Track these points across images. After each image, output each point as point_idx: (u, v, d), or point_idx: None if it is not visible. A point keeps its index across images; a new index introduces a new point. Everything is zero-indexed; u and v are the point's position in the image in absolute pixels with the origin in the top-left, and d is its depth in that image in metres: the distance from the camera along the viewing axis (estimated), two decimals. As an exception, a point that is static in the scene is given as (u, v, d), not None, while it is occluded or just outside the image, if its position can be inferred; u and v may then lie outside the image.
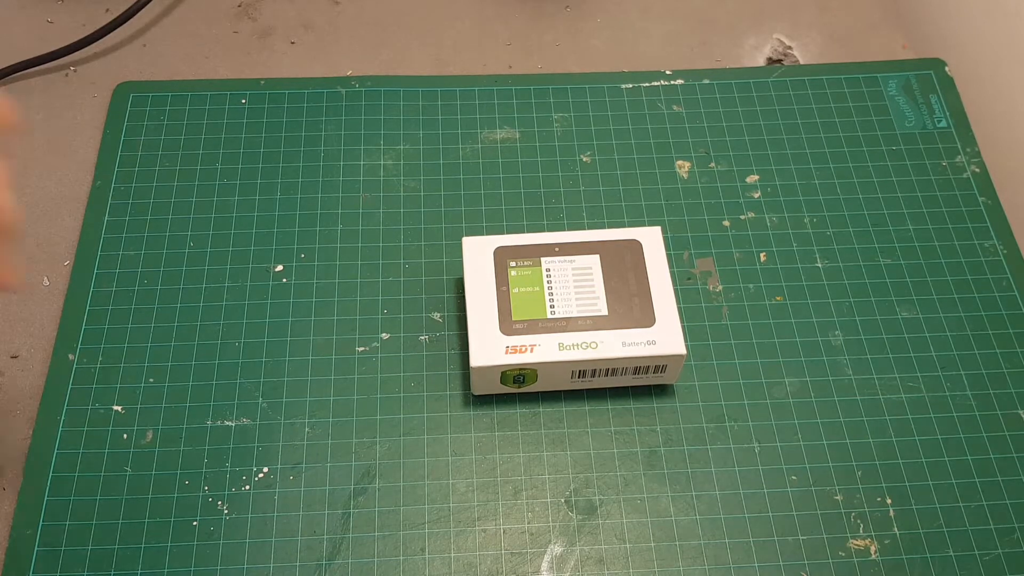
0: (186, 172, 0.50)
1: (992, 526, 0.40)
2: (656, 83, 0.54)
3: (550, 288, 0.41)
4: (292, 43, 0.56)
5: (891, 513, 0.40)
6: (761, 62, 0.56)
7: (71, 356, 0.44)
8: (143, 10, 0.55)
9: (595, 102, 0.53)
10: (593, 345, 0.40)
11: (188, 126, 0.52)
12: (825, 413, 0.43)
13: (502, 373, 0.40)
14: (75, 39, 0.54)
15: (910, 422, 0.43)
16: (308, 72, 0.55)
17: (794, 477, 0.41)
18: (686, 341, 0.41)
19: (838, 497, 0.41)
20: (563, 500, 0.40)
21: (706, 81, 0.54)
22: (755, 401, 0.43)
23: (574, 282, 0.42)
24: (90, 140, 0.51)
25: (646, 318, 0.41)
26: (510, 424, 0.42)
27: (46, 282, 0.47)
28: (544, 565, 0.39)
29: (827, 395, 0.43)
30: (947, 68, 0.55)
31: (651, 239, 0.43)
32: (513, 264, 0.42)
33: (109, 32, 0.54)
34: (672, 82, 0.54)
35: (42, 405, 0.42)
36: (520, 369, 0.40)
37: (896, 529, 0.40)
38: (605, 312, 0.41)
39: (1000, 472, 0.41)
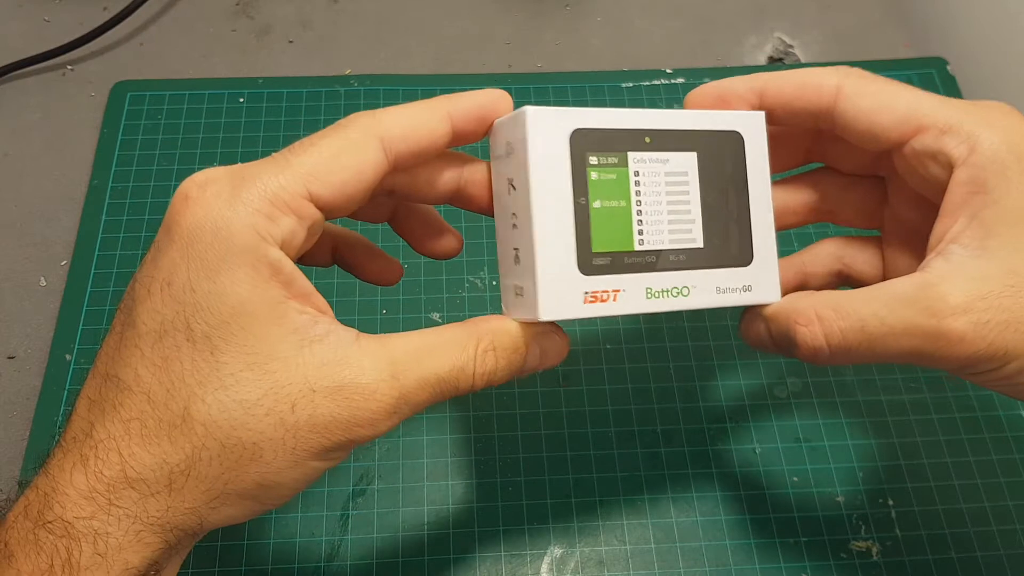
0: (184, 171, 0.50)
1: (994, 527, 0.40)
2: (657, 82, 0.54)
3: (639, 204, 0.29)
4: (290, 42, 0.56)
5: (893, 515, 0.40)
6: (762, 61, 0.56)
7: (68, 356, 0.43)
8: (140, 8, 0.55)
9: (595, 101, 0.53)
10: (684, 292, 0.29)
11: (186, 125, 0.51)
12: (826, 414, 0.43)
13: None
14: (72, 38, 0.54)
15: (912, 423, 0.42)
16: (307, 71, 0.54)
17: (795, 478, 0.41)
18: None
19: (840, 499, 0.40)
20: (563, 501, 0.40)
21: (707, 80, 0.54)
22: (756, 402, 0.43)
23: (667, 195, 0.30)
24: (87, 139, 0.51)
25: (744, 253, 0.30)
26: (510, 425, 0.42)
27: (43, 282, 0.46)
28: (544, 567, 0.39)
29: (828, 396, 0.43)
30: (949, 67, 0.55)
31: (754, 130, 0.31)
32: (594, 160, 0.29)
33: (106, 31, 0.54)
34: (673, 81, 0.54)
35: (39, 405, 0.42)
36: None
37: (898, 531, 0.40)
38: (700, 243, 0.30)
39: (1002, 473, 0.41)
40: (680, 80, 0.54)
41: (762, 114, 0.31)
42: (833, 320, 0.28)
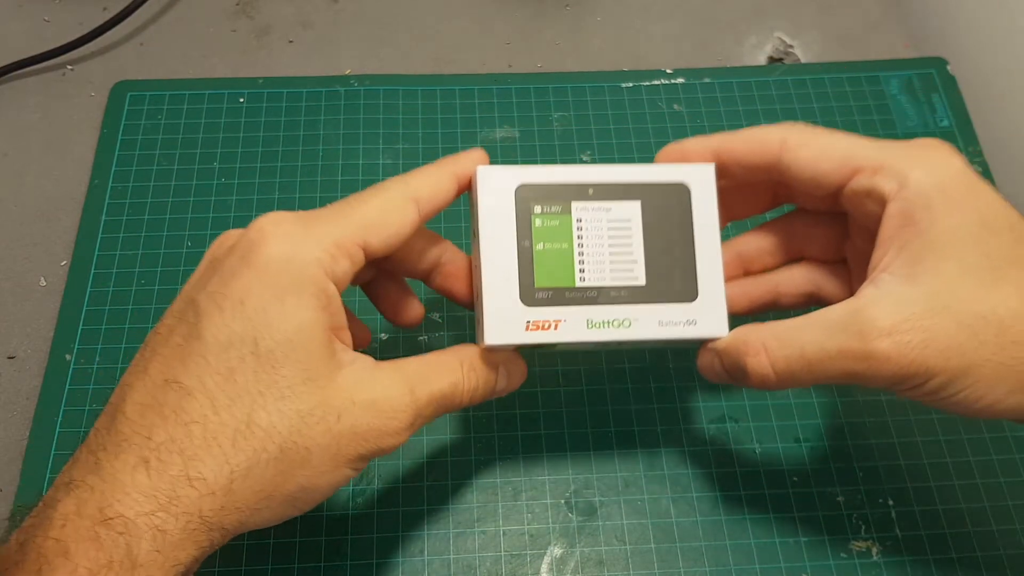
0: (184, 171, 0.50)
1: (994, 527, 0.40)
2: (657, 82, 0.54)
3: (581, 246, 0.33)
4: (290, 42, 0.56)
5: (893, 514, 0.40)
6: (762, 61, 0.56)
7: (68, 356, 0.43)
8: (140, 8, 0.55)
9: (595, 101, 0.53)
10: (626, 324, 0.33)
11: (186, 125, 0.51)
12: (827, 413, 0.43)
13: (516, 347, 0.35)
14: (72, 38, 0.54)
15: (912, 423, 0.42)
16: (306, 71, 0.54)
17: (795, 478, 0.41)
18: (729, 319, 0.34)
19: (840, 498, 0.40)
20: (563, 501, 0.40)
21: (707, 80, 0.54)
22: (756, 401, 0.43)
23: (609, 239, 0.33)
24: (87, 139, 0.51)
25: (688, 291, 0.33)
26: (510, 425, 0.42)
27: (43, 282, 0.46)
28: (544, 567, 0.39)
29: (828, 395, 0.43)
30: (949, 67, 0.55)
31: (702, 182, 0.34)
32: (538, 209, 0.33)
33: (106, 31, 0.54)
34: (673, 81, 0.54)
35: (39, 406, 0.42)
36: (537, 347, 0.34)
37: (898, 530, 0.40)
38: (643, 282, 0.33)
39: (1002, 473, 0.41)
40: (680, 80, 0.54)
41: (712, 166, 0.34)
42: (777, 349, 0.31)
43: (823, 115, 0.52)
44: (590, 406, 0.43)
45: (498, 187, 0.33)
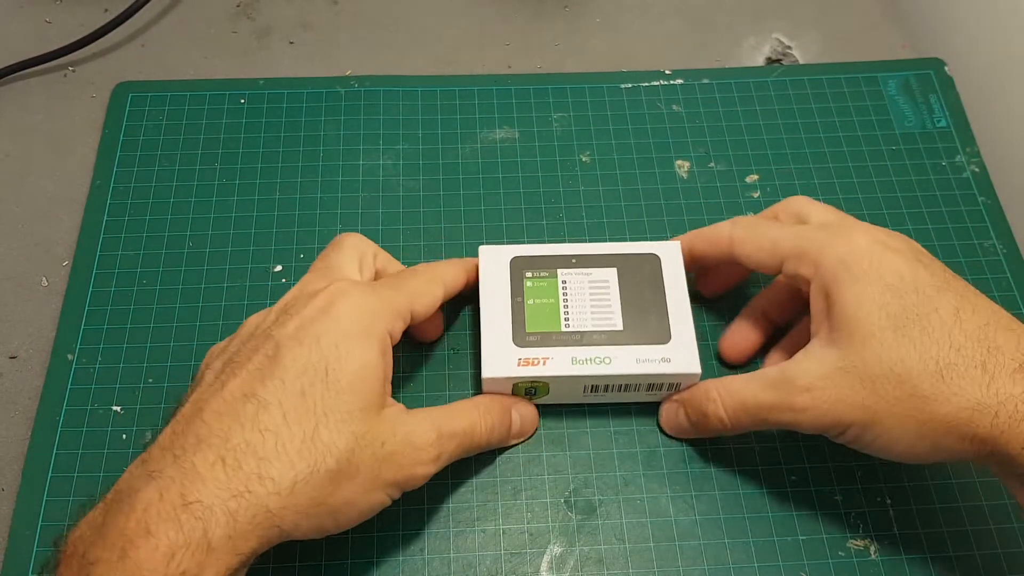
0: (185, 172, 0.50)
1: (992, 526, 0.40)
2: (655, 83, 0.54)
3: (565, 301, 0.40)
4: (291, 43, 0.56)
5: (891, 513, 0.40)
6: (760, 62, 0.56)
7: (70, 356, 0.44)
8: (142, 10, 0.55)
9: (594, 102, 0.53)
10: (606, 360, 0.39)
11: (187, 126, 0.51)
12: (825, 413, 0.43)
13: (514, 385, 0.40)
14: (74, 39, 0.54)
15: (910, 422, 0.43)
16: (307, 72, 0.55)
17: (794, 477, 0.41)
18: (702, 360, 0.39)
19: (838, 497, 0.41)
20: (562, 500, 0.40)
21: (705, 81, 0.54)
22: (755, 401, 0.43)
23: (590, 295, 0.41)
24: (89, 140, 0.51)
25: (662, 334, 0.40)
26: (509, 424, 0.42)
27: (45, 282, 0.47)
28: (543, 565, 0.39)
29: (827, 395, 0.43)
30: (947, 68, 0.55)
31: (670, 254, 0.42)
32: (529, 275, 0.41)
33: (108, 32, 0.54)
34: (671, 82, 0.54)
35: (41, 405, 0.42)
36: (532, 382, 0.40)
37: (896, 529, 0.40)
38: (620, 327, 0.40)
39: (1000, 472, 0.41)
40: (679, 81, 0.54)
41: (678, 243, 0.42)
42: (727, 399, 0.38)
43: (821, 116, 0.52)
44: (589, 406, 0.43)
45: (496, 259, 0.42)
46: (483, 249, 0.42)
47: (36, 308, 0.46)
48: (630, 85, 0.54)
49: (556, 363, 0.39)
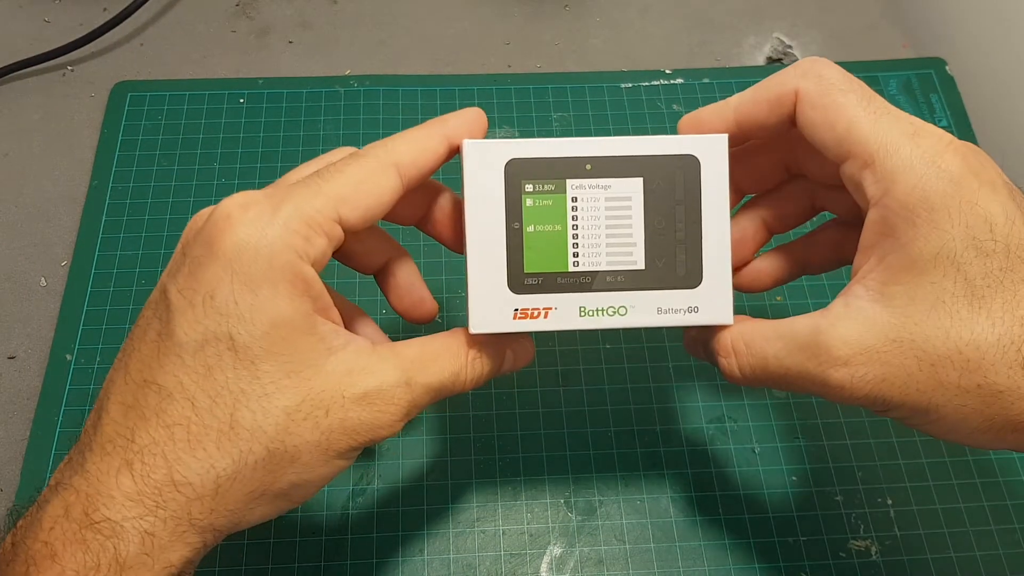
0: (184, 172, 0.50)
1: (993, 527, 0.40)
2: (656, 82, 0.54)
3: (575, 228, 0.31)
4: (290, 42, 0.56)
5: (892, 514, 0.40)
6: (761, 61, 0.56)
7: (69, 356, 0.43)
8: (140, 9, 0.55)
9: (594, 101, 0.53)
10: (621, 311, 0.31)
11: (186, 125, 0.51)
12: (825, 413, 0.43)
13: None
14: (72, 39, 0.54)
15: (911, 422, 0.43)
16: (306, 71, 0.55)
17: (794, 478, 0.41)
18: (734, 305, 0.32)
19: (838, 498, 0.41)
20: (562, 501, 0.40)
21: (706, 80, 0.54)
22: (755, 401, 0.43)
23: (606, 221, 0.31)
24: (87, 140, 0.51)
25: (692, 276, 0.31)
26: (509, 424, 0.42)
27: (43, 282, 0.46)
28: (543, 566, 0.39)
29: (827, 395, 0.43)
30: (948, 67, 0.55)
31: (713, 154, 0.31)
32: (530, 188, 0.31)
33: (106, 31, 0.54)
34: (672, 81, 0.54)
35: (39, 406, 0.42)
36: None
37: (897, 530, 0.40)
38: (642, 266, 0.31)
39: (1001, 473, 0.41)
40: (679, 80, 0.54)
41: (725, 136, 0.31)
42: (744, 355, 0.31)
43: (822, 115, 0.52)
44: (589, 406, 0.43)
45: (487, 162, 0.31)
46: (468, 144, 0.31)
47: (34, 308, 0.46)
48: (630, 85, 0.54)
49: (560, 315, 0.31)
